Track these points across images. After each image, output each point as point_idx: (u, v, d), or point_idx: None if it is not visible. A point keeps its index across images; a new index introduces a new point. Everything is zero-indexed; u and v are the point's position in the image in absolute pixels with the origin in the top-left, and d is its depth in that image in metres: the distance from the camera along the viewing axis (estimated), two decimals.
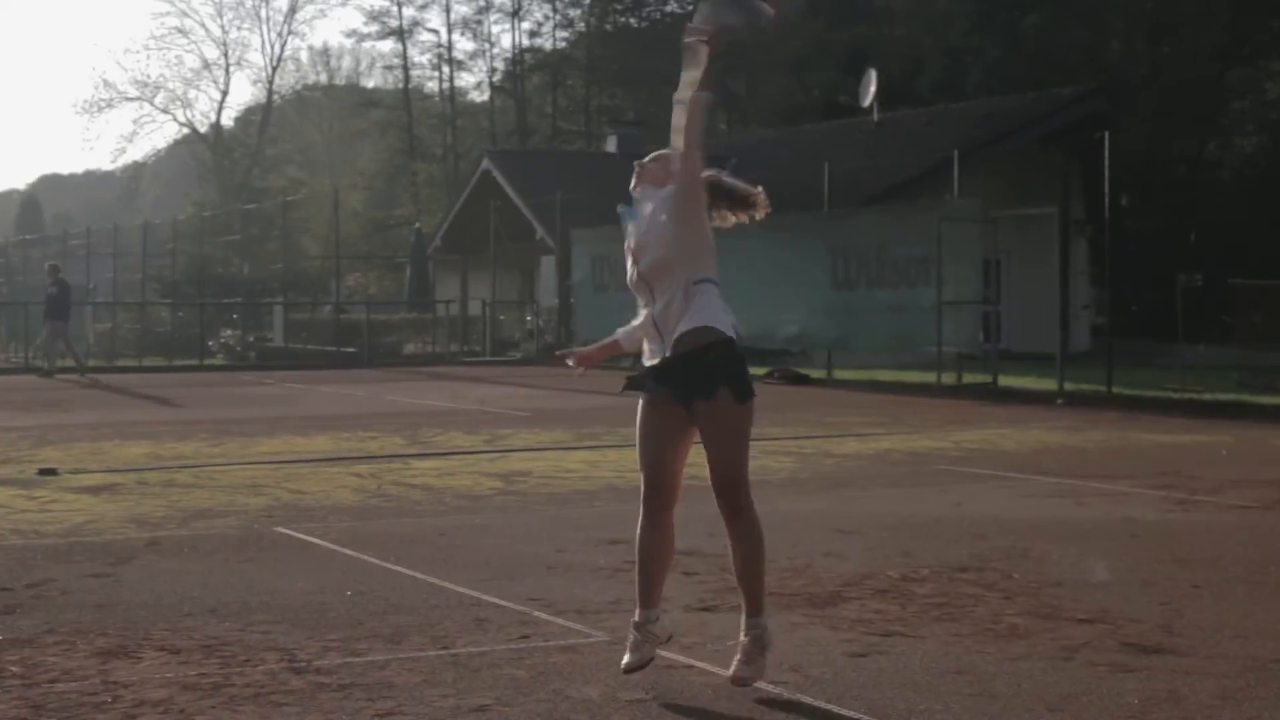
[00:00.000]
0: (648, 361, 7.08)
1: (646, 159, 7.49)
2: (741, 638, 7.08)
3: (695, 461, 7.08)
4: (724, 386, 6.88)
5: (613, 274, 36.62)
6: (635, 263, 7.18)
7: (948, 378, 27.94)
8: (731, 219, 7.46)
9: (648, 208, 7.23)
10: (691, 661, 7.47)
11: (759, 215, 7.48)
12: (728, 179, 7.42)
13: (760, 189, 7.44)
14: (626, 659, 7.10)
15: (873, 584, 9.47)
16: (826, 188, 32.73)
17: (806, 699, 6.82)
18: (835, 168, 33.75)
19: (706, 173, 7.25)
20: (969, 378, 28.00)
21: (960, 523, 12.05)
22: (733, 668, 7.02)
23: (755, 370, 30.65)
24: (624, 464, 15.91)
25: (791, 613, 8.60)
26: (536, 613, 8.59)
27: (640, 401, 7.12)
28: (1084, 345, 38.52)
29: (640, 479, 7.14)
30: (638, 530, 7.16)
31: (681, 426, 7.02)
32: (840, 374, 30.64)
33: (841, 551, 10.68)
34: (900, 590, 9.27)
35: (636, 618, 7.17)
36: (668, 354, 6.95)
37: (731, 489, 6.99)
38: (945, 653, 7.66)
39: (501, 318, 45.83)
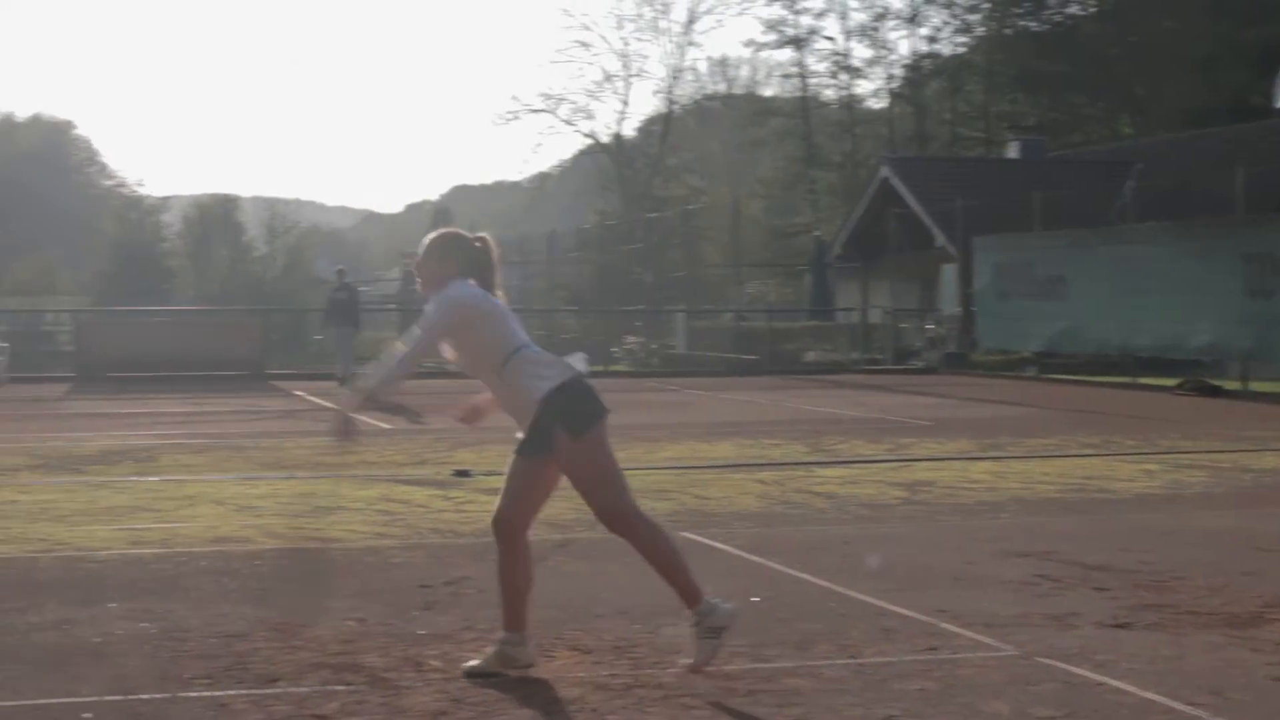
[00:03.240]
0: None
1: (422, 252, 7.73)
2: (690, 621, 7.50)
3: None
4: (563, 432, 7.41)
5: (1015, 282, 36.22)
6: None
7: None
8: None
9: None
10: (1105, 679, 7.29)
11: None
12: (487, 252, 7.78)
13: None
14: (473, 664, 7.43)
15: None
16: (1240, 192, 31.74)
17: None
18: (1248, 172, 32.72)
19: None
20: None
21: None
22: (688, 659, 7.42)
23: (1162, 381, 30.11)
24: (1031, 475, 15.69)
25: (1210, 632, 8.32)
26: (944, 624, 8.48)
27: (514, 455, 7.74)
28: None
29: (497, 509, 7.64)
30: (499, 558, 7.54)
31: (545, 474, 7.68)
32: (1257, 385, 29.66)
33: (1262, 570, 10.30)
34: None
35: (503, 635, 7.45)
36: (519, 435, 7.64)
37: (610, 515, 7.62)
38: None
39: (902, 325, 45.52)
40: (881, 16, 78.79)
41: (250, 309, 50.39)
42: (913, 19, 77.22)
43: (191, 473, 16.15)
